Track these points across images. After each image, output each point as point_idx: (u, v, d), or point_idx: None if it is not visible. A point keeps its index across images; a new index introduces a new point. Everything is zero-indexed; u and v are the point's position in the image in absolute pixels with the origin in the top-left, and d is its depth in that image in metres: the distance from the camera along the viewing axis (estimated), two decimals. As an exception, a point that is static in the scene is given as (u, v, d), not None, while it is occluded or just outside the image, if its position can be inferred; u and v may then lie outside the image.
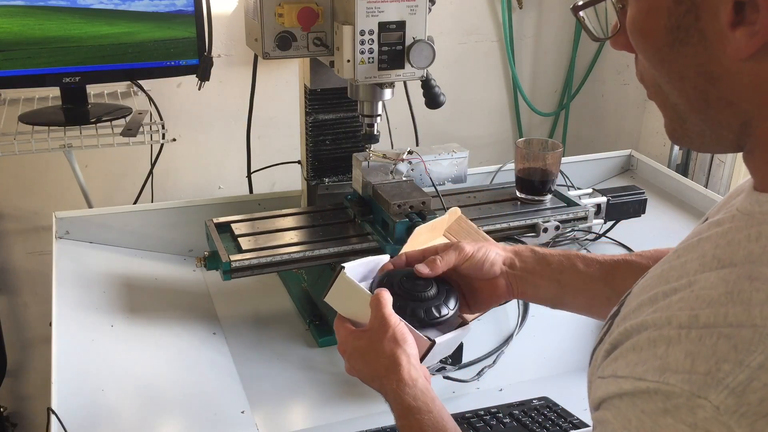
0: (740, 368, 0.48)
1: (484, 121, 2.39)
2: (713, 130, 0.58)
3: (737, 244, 0.55)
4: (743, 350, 0.48)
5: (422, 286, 0.92)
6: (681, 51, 0.55)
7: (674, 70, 0.57)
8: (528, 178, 1.48)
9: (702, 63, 0.54)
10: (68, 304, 1.31)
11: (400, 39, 1.21)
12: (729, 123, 0.56)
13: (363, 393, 1.13)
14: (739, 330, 0.49)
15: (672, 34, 0.55)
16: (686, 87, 0.57)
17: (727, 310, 0.51)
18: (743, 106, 0.55)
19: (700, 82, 0.55)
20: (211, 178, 2.11)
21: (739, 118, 0.55)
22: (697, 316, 0.52)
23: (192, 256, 1.49)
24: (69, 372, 1.14)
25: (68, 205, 1.82)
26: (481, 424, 1.05)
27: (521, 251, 0.97)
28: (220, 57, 1.94)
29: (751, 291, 0.51)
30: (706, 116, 0.57)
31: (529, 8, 2.28)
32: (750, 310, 0.50)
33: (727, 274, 0.53)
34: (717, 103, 0.56)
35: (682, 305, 0.54)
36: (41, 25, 1.57)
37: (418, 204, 1.29)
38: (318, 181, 1.49)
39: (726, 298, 0.51)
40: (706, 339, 0.50)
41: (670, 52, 0.56)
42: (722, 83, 0.54)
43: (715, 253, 0.56)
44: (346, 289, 0.92)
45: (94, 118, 1.72)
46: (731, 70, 0.53)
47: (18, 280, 2.05)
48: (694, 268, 0.57)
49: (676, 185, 1.78)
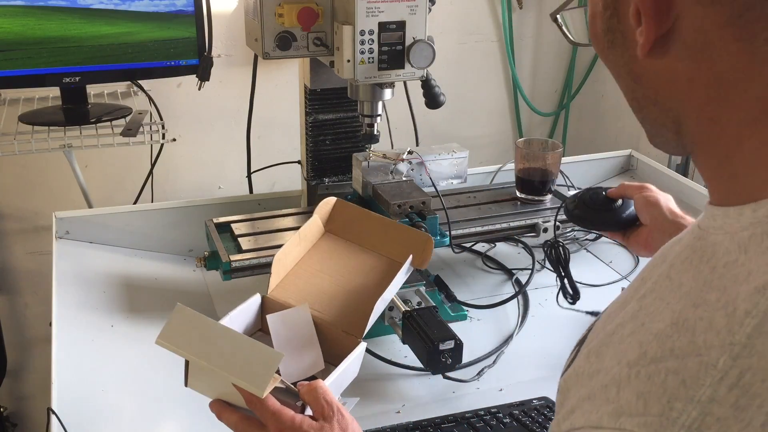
0: (692, 404, 0.46)
1: (484, 121, 2.39)
2: (657, 130, 0.59)
3: (689, 264, 0.53)
4: (692, 385, 0.46)
5: None
6: (613, 52, 0.57)
7: (613, 71, 0.59)
8: (528, 178, 1.48)
9: (627, 63, 0.56)
10: (68, 304, 1.31)
11: (400, 39, 1.21)
12: (663, 122, 0.57)
13: (363, 393, 1.13)
14: (684, 362, 0.47)
15: (606, 37, 0.57)
16: (623, 86, 0.59)
17: (673, 343, 0.48)
18: (668, 104, 0.55)
19: (629, 81, 0.57)
20: (211, 178, 2.11)
21: (670, 117, 0.56)
22: (645, 353, 0.50)
23: (192, 256, 1.49)
24: (69, 372, 1.14)
25: (68, 205, 1.82)
26: (481, 424, 1.05)
27: (683, 217, 1.07)
28: (220, 57, 1.94)
29: (695, 319, 0.48)
30: (643, 116, 0.59)
31: (529, 8, 2.28)
32: (694, 339, 0.47)
33: (675, 301, 0.51)
34: (645, 102, 0.57)
35: (631, 341, 0.52)
36: (41, 25, 1.57)
37: (418, 204, 1.29)
38: (318, 181, 1.49)
39: (671, 329, 0.49)
40: (655, 377, 0.48)
41: (609, 53, 0.58)
42: (643, 82, 0.56)
43: (669, 274, 0.54)
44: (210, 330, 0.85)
45: (94, 118, 1.72)
46: (648, 69, 0.54)
47: (18, 280, 2.05)
48: (648, 294, 0.55)
49: (676, 185, 1.78)
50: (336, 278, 1.13)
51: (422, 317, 1.15)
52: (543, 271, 1.49)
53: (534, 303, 1.38)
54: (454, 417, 1.06)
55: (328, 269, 1.14)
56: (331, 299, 1.09)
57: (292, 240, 1.13)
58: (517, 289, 1.40)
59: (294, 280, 1.12)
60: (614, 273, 1.49)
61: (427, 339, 1.11)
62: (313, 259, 1.15)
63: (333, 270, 1.14)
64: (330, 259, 1.15)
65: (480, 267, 1.53)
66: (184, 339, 0.85)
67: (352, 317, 1.05)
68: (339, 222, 1.19)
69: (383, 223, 1.17)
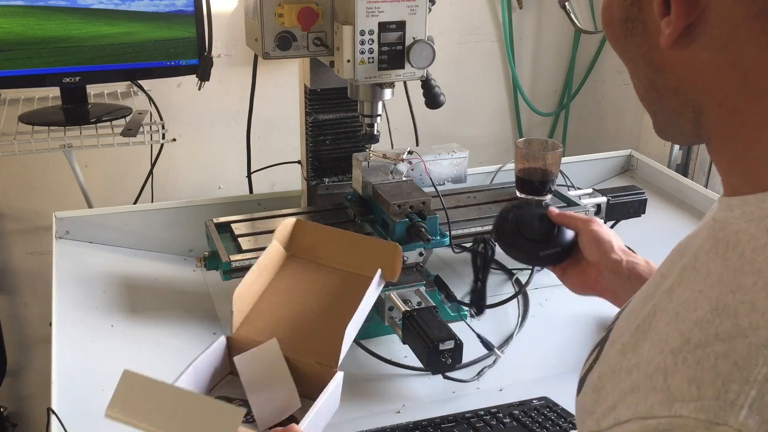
0: (748, 385, 0.46)
1: (484, 121, 2.39)
2: (673, 120, 0.59)
3: (715, 254, 0.54)
4: (745, 366, 0.47)
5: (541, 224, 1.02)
6: (631, 41, 0.57)
7: (629, 60, 0.59)
8: (528, 178, 1.48)
9: (646, 53, 0.57)
10: (68, 304, 1.31)
11: (400, 39, 1.21)
12: (683, 112, 0.57)
13: (363, 393, 1.13)
14: (732, 345, 0.48)
15: (624, 25, 0.57)
16: (640, 76, 0.59)
17: (716, 328, 0.49)
18: (690, 94, 0.56)
19: (648, 71, 0.58)
20: (211, 178, 2.11)
21: (690, 107, 0.56)
22: (689, 340, 0.50)
23: (192, 256, 1.49)
24: (69, 372, 1.14)
25: (68, 205, 1.82)
26: (481, 424, 1.05)
27: (635, 258, 1.00)
28: (220, 57, 1.94)
29: (735, 304, 0.49)
30: (660, 106, 0.59)
31: (529, 8, 2.28)
32: (738, 322, 0.48)
33: (708, 289, 0.52)
34: (665, 91, 0.58)
35: (670, 330, 0.53)
36: (41, 25, 1.57)
37: (418, 204, 1.29)
38: (318, 181, 1.49)
39: (712, 315, 0.50)
40: (704, 361, 0.48)
41: (625, 43, 0.58)
42: (665, 72, 0.56)
43: (695, 266, 0.55)
44: None
45: (94, 118, 1.72)
46: (671, 59, 0.55)
47: (18, 280, 2.05)
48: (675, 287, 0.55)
49: (676, 185, 1.78)
50: (304, 305, 1.08)
51: (422, 317, 1.15)
52: (543, 271, 1.49)
53: (534, 303, 1.38)
54: (454, 417, 1.06)
55: (295, 297, 1.09)
56: (300, 330, 1.04)
57: (251, 272, 1.08)
58: (517, 289, 1.40)
59: (259, 314, 1.07)
60: (614, 273, 1.49)
61: (427, 339, 1.11)
62: (278, 289, 1.11)
63: (300, 297, 1.09)
64: (296, 286, 1.10)
65: (480, 267, 1.53)
66: (135, 407, 0.79)
67: (325, 346, 1.01)
68: (301, 244, 1.14)
69: (347, 238, 1.14)
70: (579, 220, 1.04)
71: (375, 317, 1.27)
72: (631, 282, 0.95)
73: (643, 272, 0.96)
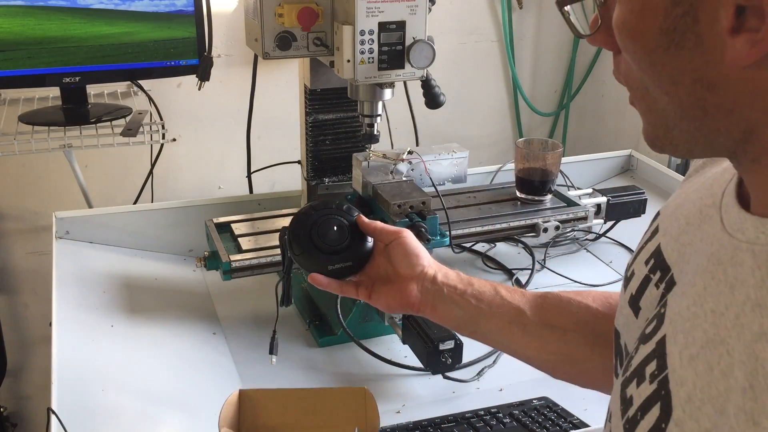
0: None
1: (484, 121, 2.39)
2: (708, 138, 0.54)
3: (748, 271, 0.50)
4: None
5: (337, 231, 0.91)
6: (675, 55, 0.51)
7: (666, 75, 0.53)
8: (528, 178, 1.48)
9: (697, 69, 0.50)
10: (68, 304, 1.31)
11: (400, 39, 1.21)
12: (728, 131, 0.52)
13: (363, 393, 1.13)
14: None
15: (667, 37, 0.51)
16: (679, 93, 0.53)
17: None
18: (745, 113, 0.51)
19: (696, 89, 0.52)
20: (211, 178, 2.11)
21: (741, 126, 0.52)
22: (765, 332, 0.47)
23: (192, 256, 1.49)
24: (69, 372, 1.14)
25: (68, 205, 1.82)
26: (481, 424, 1.05)
27: (447, 270, 0.94)
28: (220, 57, 1.94)
29: None
30: (701, 124, 0.53)
31: (529, 8, 2.28)
32: None
33: None
34: (715, 110, 0.52)
35: (737, 324, 0.49)
36: (41, 25, 1.57)
37: (418, 204, 1.29)
38: (318, 181, 1.49)
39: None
40: None
41: (663, 56, 0.52)
42: (721, 90, 0.51)
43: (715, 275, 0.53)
44: None
45: (94, 118, 1.72)
46: (730, 78, 0.49)
47: (18, 280, 2.05)
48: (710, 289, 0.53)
49: (676, 185, 1.77)
50: None
51: (422, 317, 1.15)
52: (543, 271, 1.49)
53: (534, 303, 1.38)
54: (454, 417, 1.06)
55: None
56: None
57: None
58: (517, 289, 1.40)
59: None
60: (614, 273, 1.49)
61: (427, 339, 1.11)
62: None
63: None
64: None
65: (480, 267, 1.53)
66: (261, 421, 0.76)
67: None
68: (255, 418, 0.93)
69: (307, 395, 0.95)
70: (390, 232, 0.96)
71: (375, 317, 1.27)
72: (450, 295, 0.91)
73: (458, 283, 0.91)
